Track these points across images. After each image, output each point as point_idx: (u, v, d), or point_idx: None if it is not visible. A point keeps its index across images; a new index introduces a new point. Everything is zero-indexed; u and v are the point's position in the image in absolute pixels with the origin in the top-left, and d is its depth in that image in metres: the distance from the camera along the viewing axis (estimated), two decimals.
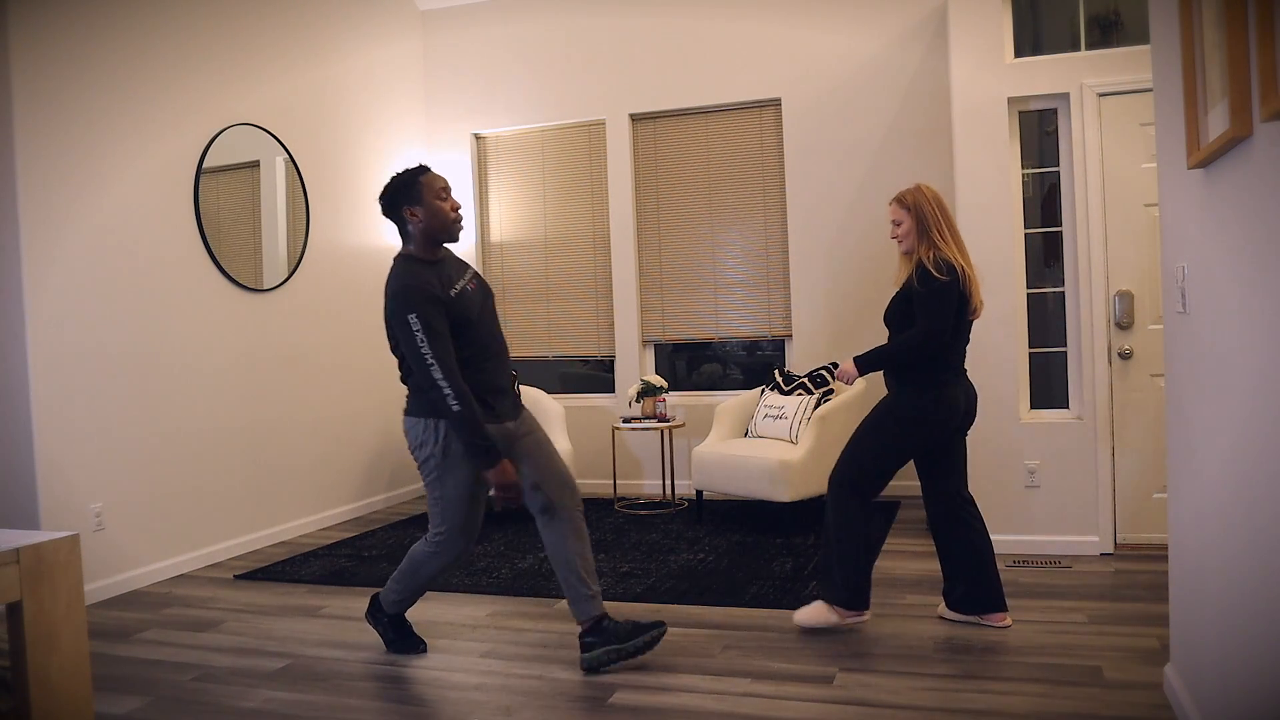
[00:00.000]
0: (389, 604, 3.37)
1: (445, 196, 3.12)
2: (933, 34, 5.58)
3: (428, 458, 3.08)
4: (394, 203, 3.11)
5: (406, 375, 3.15)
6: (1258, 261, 1.79)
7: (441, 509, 3.14)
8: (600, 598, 3.18)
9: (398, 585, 3.34)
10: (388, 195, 3.12)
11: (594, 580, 3.18)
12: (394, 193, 3.11)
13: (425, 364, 2.95)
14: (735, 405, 5.52)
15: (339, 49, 5.86)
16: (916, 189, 3.39)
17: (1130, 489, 4.28)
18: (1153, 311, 4.20)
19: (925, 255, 3.27)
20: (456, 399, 2.91)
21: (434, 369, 2.93)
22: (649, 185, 6.27)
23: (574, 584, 3.15)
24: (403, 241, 3.18)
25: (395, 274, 3.06)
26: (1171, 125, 2.40)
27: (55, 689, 2.02)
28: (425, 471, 3.12)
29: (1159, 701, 2.68)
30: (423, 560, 3.26)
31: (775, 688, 2.93)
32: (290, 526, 5.33)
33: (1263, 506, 1.81)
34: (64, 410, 4.08)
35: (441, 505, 3.13)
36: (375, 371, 6.08)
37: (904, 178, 5.68)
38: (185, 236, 4.73)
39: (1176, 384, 2.52)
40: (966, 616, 3.41)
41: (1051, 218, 4.48)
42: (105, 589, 4.21)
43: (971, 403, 3.39)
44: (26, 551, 1.98)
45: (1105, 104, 4.22)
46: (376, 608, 3.42)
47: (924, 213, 3.33)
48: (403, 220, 3.12)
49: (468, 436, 2.95)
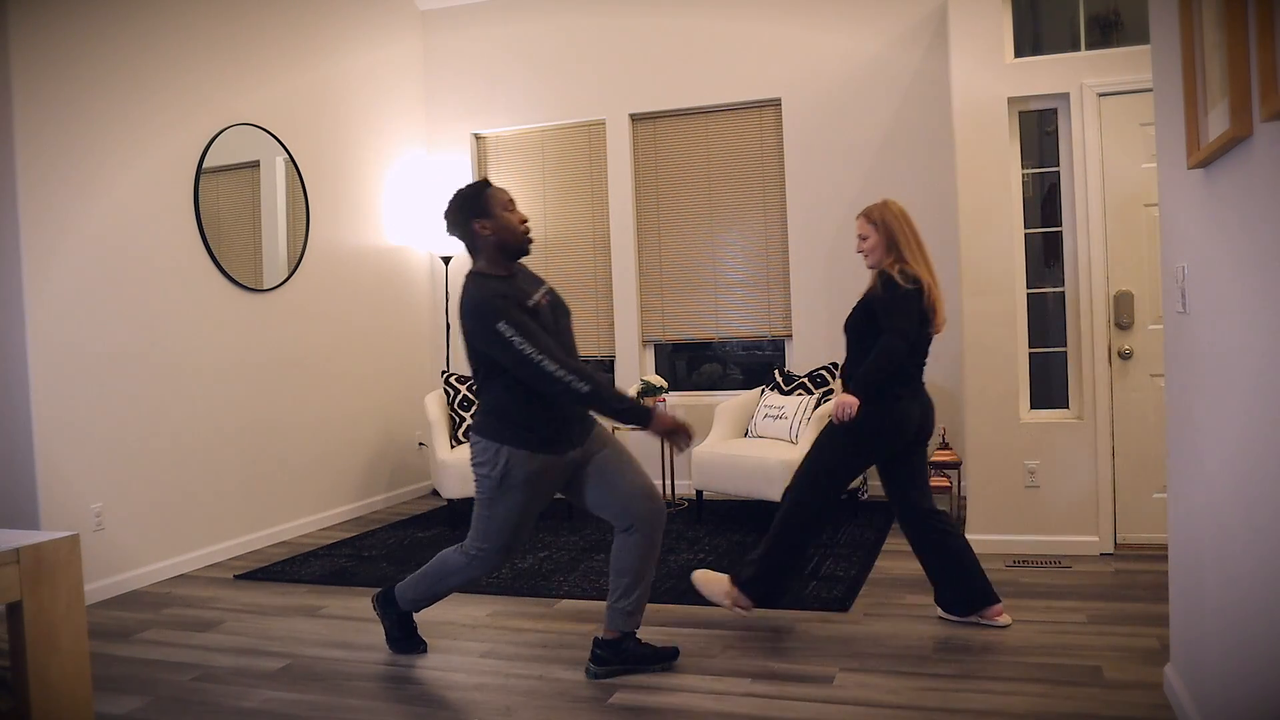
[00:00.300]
0: (404, 601, 3.31)
1: (512, 208, 3.03)
2: (933, 34, 5.58)
3: (484, 477, 2.99)
4: (461, 217, 2.99)
5: (480, 392, 3.02)
6: (1258, 261, 1.79)
7: (485, 528, 3.06)
8: (638, 617, 3.11)
9: (419, 586, 3.26)
10: (454, 210, 3.01)
11: (642, 600, 3.11)
12: (460, 207, 3.00)
13: (534, 364, 2.79)
14: (735, 405, 5.52)
15: (339, 49, 5.86)
16: (884, 205, 3.41)
17: (1130, 489, 4.28)
18: (1153, 311, 4.20)
19: (891, 267, 3.29)
20: (581, 379, 2.80)
21: (544, 364, 2.78)
22: (649, 185, 6.27)
23: (621, 595, 3.08)
24: (472, 259, 3.06)
25: (469, 293, 2.91)
26: (1171, 125, 2.40)
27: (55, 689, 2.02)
28: (480, 489, 3.03)
29: (1159, 701, 2.68)
30: (454, 569, 3.17)
31: (775, 688, 2.93)
32: (290, 526, 5.33)
33: (1263, 506, 1.81)
34: (64, 410, 4.08)
35: (487, 524, 3.05)
36: (375, 371, 6.08)
37: (904, 177, 5.70)
38: (185, 236, 4.73)
39: (1176, 384, 2.52)
40: (963, 618, 3.41)
41: (1051, 218, 4.48)
42: (105, 589, 4.21)
43: (927, 415, 3.42)
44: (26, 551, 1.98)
45: (1105, 104, 4.22)
46: (389, 600, 3.36)
47: (892, 229, 3.35)
48: (472, 235, 2.99)
49: (611, 409, 2.89)
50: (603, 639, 3.12)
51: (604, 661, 3.09)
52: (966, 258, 4.42)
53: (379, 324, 6.12)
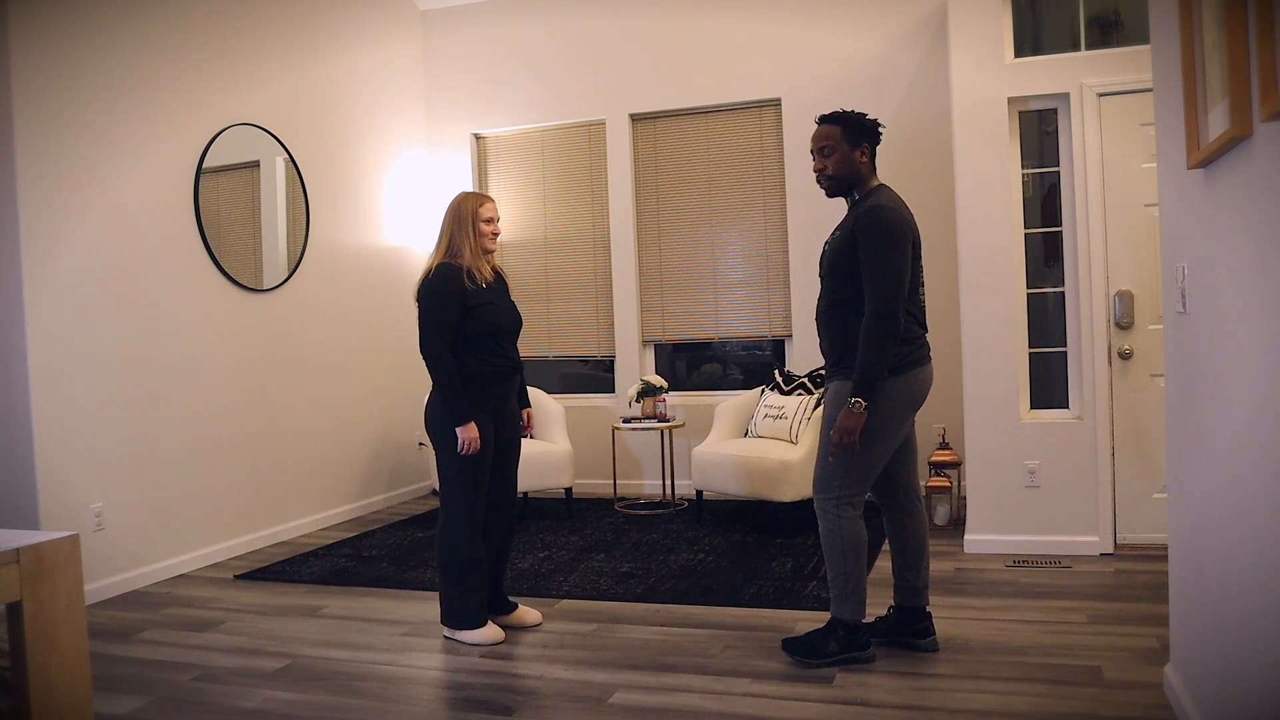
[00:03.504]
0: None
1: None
2: (933, 34, 5.58)
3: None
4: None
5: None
6: (1258, 261, 1.79)
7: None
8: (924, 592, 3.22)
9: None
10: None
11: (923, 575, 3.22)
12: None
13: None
14: (735, 405, 5.52)
15: (339, 49, 5.86)
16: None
17: (1130, 489, 4.28)
18: (1153, 311, 4.20)
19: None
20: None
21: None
22: (649, 185, 6.27)
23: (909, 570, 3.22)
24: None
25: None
26: (1171, 125, 2.40)
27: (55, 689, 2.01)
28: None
29: (1159, 701, 2.68)
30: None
31: (775, 688, 2.93)
32: (290, 526, 5.33)
33: (1262, 506, 1.81)
34: (64, 410, 4.08)
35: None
36: (375, 371, 6.08)
37: (904, 178, 5.68)
38: (185, 236, 4.73)
39: (1176, 384, 2.52)
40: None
41: (1051, 218, 4.48)
42: (105, 589, 4.21)
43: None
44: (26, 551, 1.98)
45: (1105, 104, 4.22)
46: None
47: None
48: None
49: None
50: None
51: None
52: (966, 258, 4.42)
53: (379, 324, 6.12)
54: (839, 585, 3.06)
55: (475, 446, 3.34)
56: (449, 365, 3.34)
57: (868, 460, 3.01)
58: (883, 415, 2.97)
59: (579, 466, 6.01)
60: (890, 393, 2.97)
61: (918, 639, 3.20)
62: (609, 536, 5.04)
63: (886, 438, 3.03)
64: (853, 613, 3.06)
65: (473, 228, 3.44)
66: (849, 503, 3.04)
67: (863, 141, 3.09)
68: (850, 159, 3.08)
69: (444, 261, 3.41)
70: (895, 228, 2.94)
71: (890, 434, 3.04)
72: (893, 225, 2.94)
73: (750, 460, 4.89)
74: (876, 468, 3.06)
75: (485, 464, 3.43)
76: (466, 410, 3.34)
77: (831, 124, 3.10)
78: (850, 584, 3.04)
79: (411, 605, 3.98)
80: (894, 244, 2.92)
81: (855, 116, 3.10)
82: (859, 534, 3.05)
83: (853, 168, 3.08)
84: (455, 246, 3.43)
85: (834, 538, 3.04)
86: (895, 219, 2.95)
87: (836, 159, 3.07)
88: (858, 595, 3.05)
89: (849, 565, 3.04)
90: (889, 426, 3.02)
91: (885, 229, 2.93)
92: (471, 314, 3.38)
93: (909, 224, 3.01)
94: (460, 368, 3.37)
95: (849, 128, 3.08)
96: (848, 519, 3.03)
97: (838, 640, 3.06)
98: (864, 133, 3.09)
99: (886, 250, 2.91)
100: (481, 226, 3.45)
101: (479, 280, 3.43)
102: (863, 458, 2.99)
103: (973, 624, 3.43)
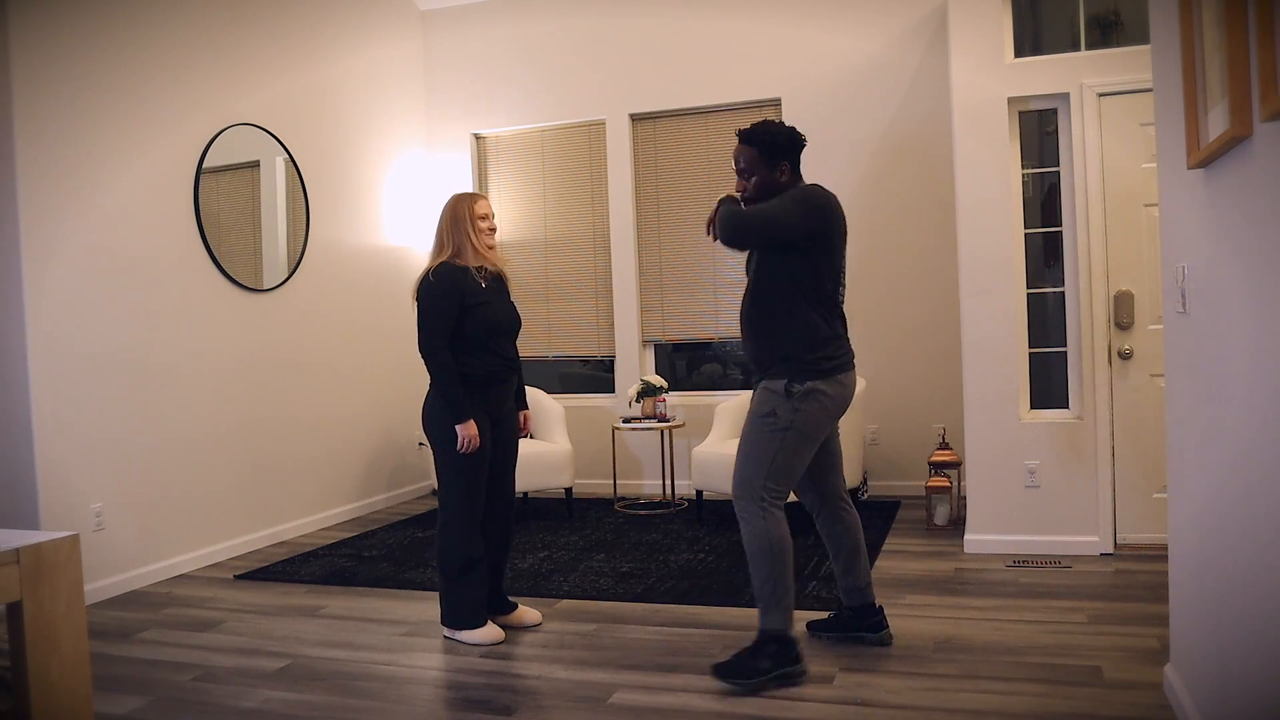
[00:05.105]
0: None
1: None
2: (933, 34, 5.58)
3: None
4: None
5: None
6: (1258, 261, 1.79)
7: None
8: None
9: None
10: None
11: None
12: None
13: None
14: (735, 405, 5.52)
15: (339, 49, 5.86)
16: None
17: (1130, 489, 4.28)
18: (1153, 311, 4.20)
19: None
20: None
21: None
22: (649, 185, 6.27)
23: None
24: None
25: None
26: (1171, 125, 2.40)
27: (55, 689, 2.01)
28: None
29: (1159, 701, 2.68)
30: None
31: (775, 688, 2.92)
32: (290, 526, 5.33)
33: (1262, 506, 1.81)
34: (64, 410, 4.08)
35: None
36: (375, 371, 6.08)
37: (904, 177, 5.70)
38: (185, 237, 4.73)
39: (1176, 384, 2.52)
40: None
41: (1051, 218, 4.48)
42: (105, 589, 4.21)
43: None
44: (26, 551, 1.98)
45: (1105, 104, 4.22)
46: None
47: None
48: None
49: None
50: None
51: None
52: (966, 258, 4.42)
53: (379, 324, 6.12)
54: (766, 592, 2.92)
55: (474, 445, 3.34)
56: (448, 364, 3.35)
57: (791, 460, 2.95)
58: (812, 416, 2.94)
59: (579, 466, 6.01)
60: (820, 395, 2.94)
61: (871, 633, 3.24)
62: (609, 536, 5.04)
63: (812, 439, 2.98)
64: (782, 623, 2.93)
65: (472, 226, 3.46)
66: (773, 503, 2.94)
67: (781, 161, 3.02)
68: (771, 181, 3.02)
69: (444, 261, 3.43)
70: (816, 194, 2.95)
71: (816, 436, 2.99)
72: (806, 192, 2.95)
73: None
74: (798, 470, 3.00)
75: (484, 463, 3.43)
76: (465, 408, 3.35)
77: (748, 145, 3.02)
78: (779, 591, 2.91)
79: (411, 605, 3.98)
80: (800, 201, 2.92)
81: (772, 136, 3.01)
82: (784, 536, 2.93)
83: (774, 188, 3.02)
84: (458, 247, 3.45)
85: (759, 541, 2.92)
86: (821, 192, 2.97)
87: (757, 183, 3.03)
88: (786, 604, 2.93)
89: (776, 570, 2.91)
90: (816, 429, 2.97)
91: (799, 191, 2.96)
92: (469, 314, 3.39)
93: (834, 205, 2.99)
94: (459, 367, 3.38)
95: (766, 150, 3.00)
96: (772, 520, 2.92)
97: (770, 656, 2.91)
98: (782, 152, 3.01)
99: (789, 200, 2.92)
100: (480, 224, 3.48)
101: (484, 278, 3.45)
102: (786, 457, 2.94)
103: (973, 624, 3.43)
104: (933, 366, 5.62)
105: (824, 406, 2.96)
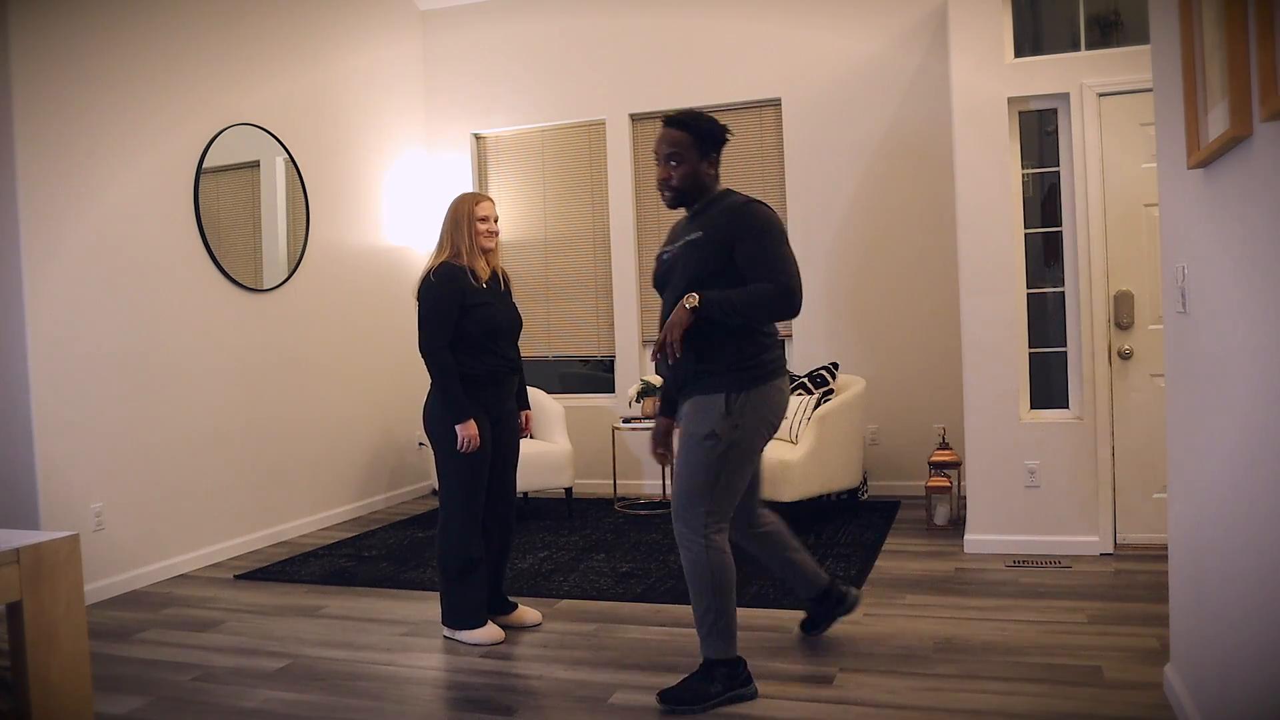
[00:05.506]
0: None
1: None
2: (933, 34, 5.58)
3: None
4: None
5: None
6: (1258, 261, 1.79)
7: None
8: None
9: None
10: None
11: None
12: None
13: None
14: None
15: (339, 49, 5.86)
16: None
17: (1130, 489, 4.28)
18: (1153, 311, 4.20)
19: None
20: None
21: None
22: (649, 185, 6.26)
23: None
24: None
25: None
26: (1171, 125, 2.40)
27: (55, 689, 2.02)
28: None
29: (1159, 701, 2.68)
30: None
31: (775, 688, 2.92)
32: (290, 526, 5.33)
33: (1263, 506, 1.81)
34: (64, 410, 4.08)
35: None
36: (375, 371, 6.08)
37: (904, 177, 5.70)
38: (185, 236, 4.73)
39: (1176, 384, 2.52)
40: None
41: (1051, 218, 4.48)
42: (105, 589, 4.21)
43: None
44: (26, 551, 1.98)
45: (1105, 104, 4.22)
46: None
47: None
48: None
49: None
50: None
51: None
52: (966, 258, 4.42)
53: (379, 324, 6.12)
54: (709, 621, 2.80)
55: (475, 444, 3.34)
56: (447, 363, 3.35)
57: (734, 479, 2.79)
58: (753, 429, 2.79)
59: (579, 466, 6.00)
60: (759, 405, 2.78)
61: (843, 612, 3.29)
62: (609, 536, 5.04)
63: (754, 453, 2.84)
64: (725, 649, 2.83)
65: (468, 227, 3.47)
66: (716, 529, 2.78)
67: (712, 153, 2.87)
68: (699, 172, 2.85)
69: (445, 261, 3.44)
70: (779, 222, 2.81)
71: (757, 449, 2.84)
72: (775, 219, 2.80)
73: None
74: (741, 488, 2.84)
75: (484, 463, 3.43)
76: (466, 408, 3.35)
77: (681, 130, 2.84)
78: (721, 621, 2.80)
79: (411, 605, 3.99)
80: (783, 235, 2.78)
81: (707, 124, 2.85)
82: (728, 565, 2.79)
83: (700, 181, 2.86)
84: (455, 246, 3.46)
85: (701, 570, 2.77)
86: (776, 216, 2.82)
87: (684, 171, 2.84)
88: (729, 631, 2.82)
89: (720, 601, 2.78)
90: (757, 441, 2.83)
91: (771, 221, 2.78)
92: (469, 314, 3.39)
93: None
94: (458, 367, 3.38)
95: (701, 138, 2.84)
96: (715, 548, 2.76)
97: (719, 680, 2.81)
98: (713, 144, 2.86)
99: (779, 239, 2.76)
100: (477, 225, 3.48)
101: (478, 280, 3.45)
102: (729, 476, 2.78)
103: (973, 624, 3.43)
104: (933, 366, 5.62)
105: (763, 417, 2.80)
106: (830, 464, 4.93)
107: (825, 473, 4.91)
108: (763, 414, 2.80)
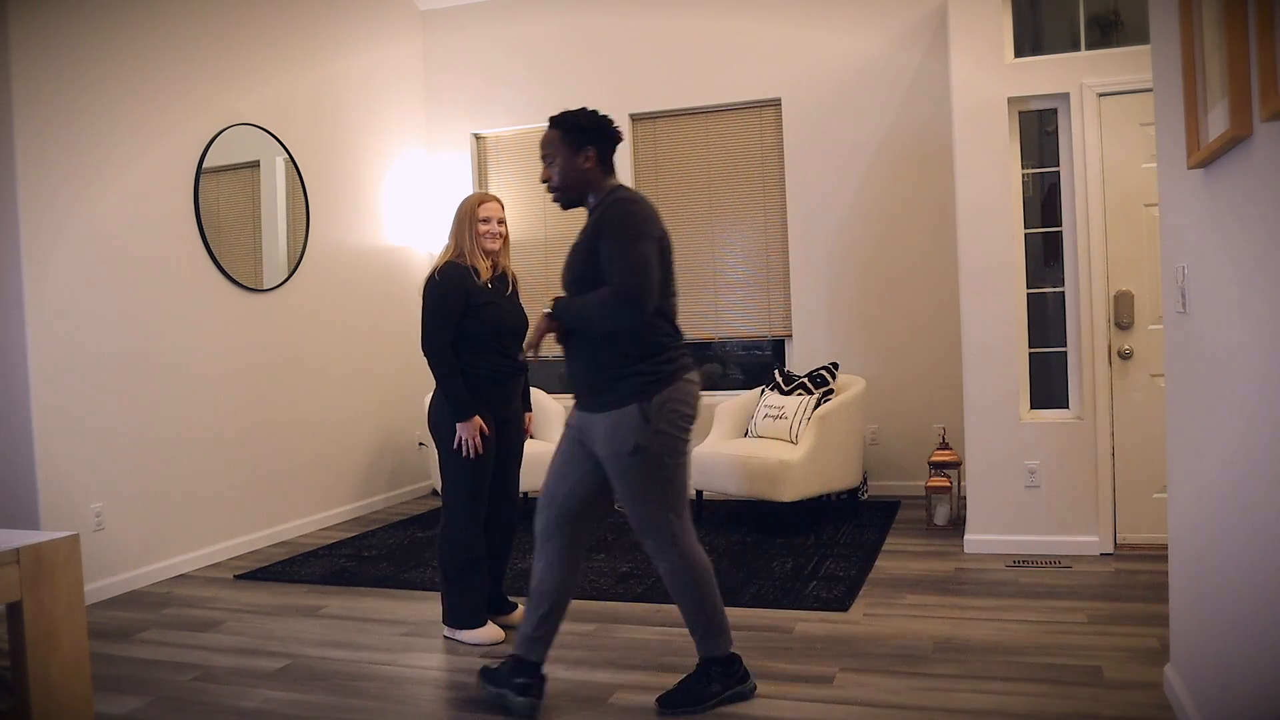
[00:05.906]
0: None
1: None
2: (933, 34, 5.58)
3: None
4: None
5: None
6: (1258, 261, 1.79)
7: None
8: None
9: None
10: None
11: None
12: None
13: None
14: (735, 405, 5.52)
15: (339, 49, 5.86)
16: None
17: (1130, 489, 4.27)
18: (1153, 311, 4.20)
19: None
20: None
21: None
22: (649, 185, 6.26)
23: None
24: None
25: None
26: (1171, 125, 2.40)
27: (55, 689, 2.02)
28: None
29: (1159, 701, 2.68)
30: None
31: (775, 688, 2.92)
32: (290, 526, 5.33)
33: (1262, 506, 1.81)
34: (64, 410, 4.08)
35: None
36: (375, 371, 6.08)
37: (904, 177, 5.70)
38: (185, 236, 4.73)
39: (1176, 384, 2.52)
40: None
41: (1051, 218, 4.48)
42: (105, 589, 4.21)
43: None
44: (26, 551, 1.98)
45: (1105, 104, 4.22)
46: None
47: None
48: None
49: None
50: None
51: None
52: (966, 258, 4.42)
53: (379, 324, 6.12)
54: (701, 622, 2.80)
55: (476, 444, 3.34)
56: (450, 361, 3.36)
57: (679, 479, 2.76)
58: (675, 426, 2.72)
59: None
60: (673, 402, 2.72)
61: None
62: (609, 536, 5.04)
63: (685, 447, 2.78)
64: (722, 647, 2.83)
65: (470, 226, 3.47)
66: (683, 533, 2.76)
67: (586, 145, 2.78)
68: (573, 165, 2.79)
69: (450, 260, 3.44)
70: (640, 216, 2.69)
71: (686, 441, 2.78)
72: (637, 213, 2.69)
73: (750, 460, 4.89)
74: (687, 480, 2.82)
75: (487, 463, 3.43)
76: (467, 407, 3.35)
77: (552, 128, 2.82)
78: (714, 619, 2.81)
79: (411, 605, 3.99)
80: (639, 231, 2.66)
81: (576, 119, 2.80)
82: (705, 564, 2.79)
83: (577, 174, 2.80)
84: (459, 246, 3.47)
85: (683, 576, 2.76)
86: (641, 208, 2.71)
87: (559, 167, 2.81)
88: (722, 627, 2.82)
89: (706, 601, 2.78)
90: (683, 436, 2.76)
91: (628, 215, 2.68)
92: (473, 313, 3.39)
93: (657, 217, 2.76)
94: (462, 367, 3.38)
95: (567, 130, 2.78)
96: (689, 553, 2.76)
97: (718, 679, 2.81)
98: (586, 135, 2.78)
99: (631, 236, 2.64)
100: (479, 226, 3.48)
101: (480, 279, 3.45)
102: (673, 482, 2.74)
103: (973, 624, 3.43)
104: (933, 366, 5.62)
105: (681, 413, 2.74)
106: (830, 464, 4.93)
107: (825, 473, 4.91)
108: (679, 410, 2.74)
